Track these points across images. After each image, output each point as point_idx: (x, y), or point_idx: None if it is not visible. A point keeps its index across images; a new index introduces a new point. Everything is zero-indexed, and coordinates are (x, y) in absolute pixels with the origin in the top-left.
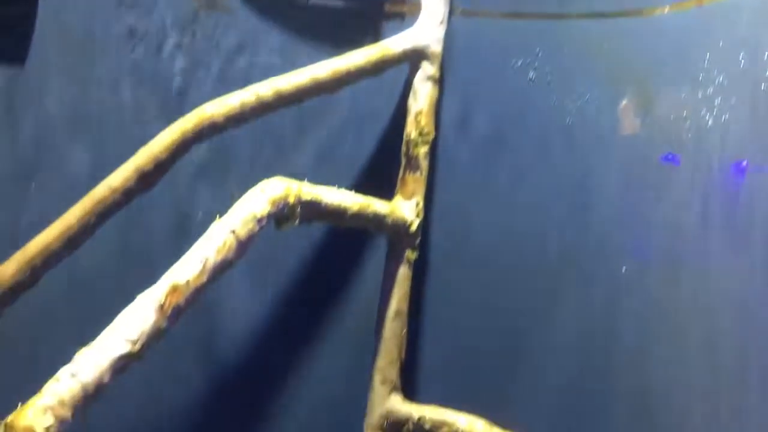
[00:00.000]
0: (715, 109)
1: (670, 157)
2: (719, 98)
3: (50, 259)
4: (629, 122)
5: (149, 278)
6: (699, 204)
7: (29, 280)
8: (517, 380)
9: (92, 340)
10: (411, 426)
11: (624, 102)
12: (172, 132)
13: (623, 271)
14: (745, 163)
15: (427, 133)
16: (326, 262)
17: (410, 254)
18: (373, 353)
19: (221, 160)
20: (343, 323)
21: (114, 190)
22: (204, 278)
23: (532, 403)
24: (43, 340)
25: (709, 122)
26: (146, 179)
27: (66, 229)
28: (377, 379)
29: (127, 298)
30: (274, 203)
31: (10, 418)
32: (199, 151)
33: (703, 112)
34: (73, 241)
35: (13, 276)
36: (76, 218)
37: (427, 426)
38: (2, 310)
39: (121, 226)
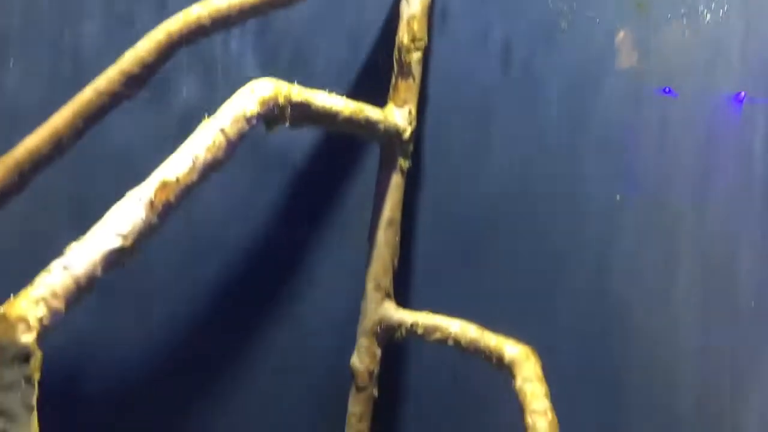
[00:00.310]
0: (713, 3)
1: (667, 90)
2: None
3: (39, 163)
4: (627, 52)
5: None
6: (696, 134)
7: (18, 185)
8: (509, 290)
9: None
10: (404, 331)
11: (621, 32)
12: (157, 34)
13: (617, 198)
14: (743, 94)
15: (420, 39)
16: (318, 170)
17: (403, 162)
18: (366, 261)
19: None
20: (336, 231)
21: (100, 93)
22: (194, 176)
23: (523, 311)
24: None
25: (708, 18)
26: (133, 82)
27: (54, 133)
28: (370, 286)
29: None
30: (263, 103)
31: (2, 309)
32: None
33: (701, 9)
34: (61, 145)
35: (1, 180)
36: (63, 121)
37: (419, 331)
38: None
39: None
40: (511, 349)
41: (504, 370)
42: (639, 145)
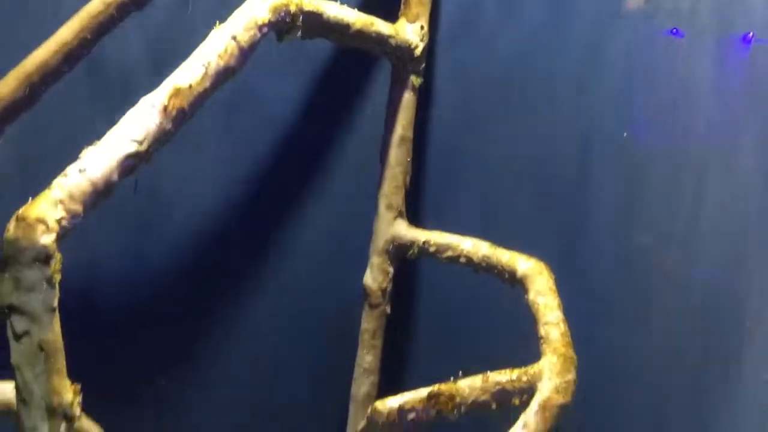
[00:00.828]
0: None
1: (675, 31)
2: None
3: (48, 76)
4: None
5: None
6: (704, 74)
7: (28, 98)
8: (520, 208)
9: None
10: (416, 250)
11: None
12: None
13: (624, 135)
14: (751, 34)
15: None
16: (329, 89)
17: (415, 80)
18: (378, 180)
19: None
20: (347, 150)
21: (108, 5)
22: (206, 83)
23: (533, 231)
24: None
25: None
26: None
27: (62, 45)
28: (382, 205)
29: None
30: (275, 10)
31: (21, 211)
32: None
33: None
34: (70, 58)
35: (11, 93)
36: (72, 34)
37: (431, 249)
38: (2, 128)
39: None
40: (524, 263)
41: (516, 285)
42: (646, 85)
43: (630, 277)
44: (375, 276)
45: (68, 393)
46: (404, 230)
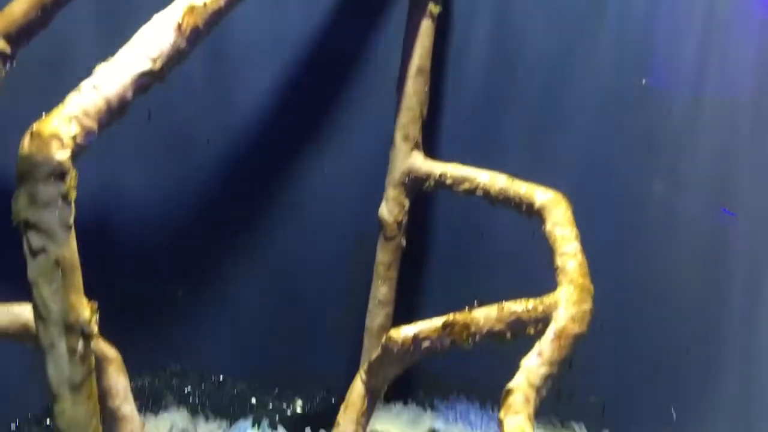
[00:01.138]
0: None
1: None
2: None
3: None
4: None
5: None
6: (722, 24)
7: (40, 20)
8: (537, 141)
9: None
10: (432, 182)
11: None
12: None
13: (643, 83)
14: None
15: None
16: (346, 18)
17: (433, 8)
18: (395, 110)
19: None
20: (364, 80)
21: None
22: (221, 2)
23: (549, 163)
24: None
25: None
26: None
27: None
28: (399, 136)
29: None
30: None
31: (35, 126)
32: None
33: None
34: None
35: (24, 15)
36: None
37: (448, 182)
38: (15, 51)
39: None
40: (542, 195)
41: (534, 216)
42: (666, 33)
43: (648, 211)
44: (391, 208)
45: (86, 310)
46: (420, 162)
